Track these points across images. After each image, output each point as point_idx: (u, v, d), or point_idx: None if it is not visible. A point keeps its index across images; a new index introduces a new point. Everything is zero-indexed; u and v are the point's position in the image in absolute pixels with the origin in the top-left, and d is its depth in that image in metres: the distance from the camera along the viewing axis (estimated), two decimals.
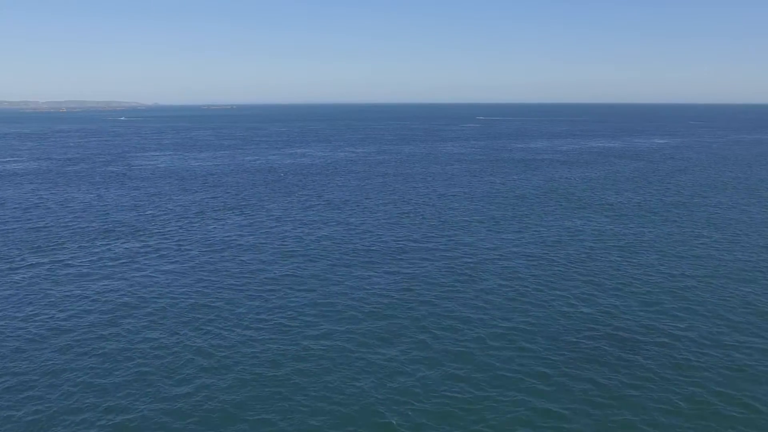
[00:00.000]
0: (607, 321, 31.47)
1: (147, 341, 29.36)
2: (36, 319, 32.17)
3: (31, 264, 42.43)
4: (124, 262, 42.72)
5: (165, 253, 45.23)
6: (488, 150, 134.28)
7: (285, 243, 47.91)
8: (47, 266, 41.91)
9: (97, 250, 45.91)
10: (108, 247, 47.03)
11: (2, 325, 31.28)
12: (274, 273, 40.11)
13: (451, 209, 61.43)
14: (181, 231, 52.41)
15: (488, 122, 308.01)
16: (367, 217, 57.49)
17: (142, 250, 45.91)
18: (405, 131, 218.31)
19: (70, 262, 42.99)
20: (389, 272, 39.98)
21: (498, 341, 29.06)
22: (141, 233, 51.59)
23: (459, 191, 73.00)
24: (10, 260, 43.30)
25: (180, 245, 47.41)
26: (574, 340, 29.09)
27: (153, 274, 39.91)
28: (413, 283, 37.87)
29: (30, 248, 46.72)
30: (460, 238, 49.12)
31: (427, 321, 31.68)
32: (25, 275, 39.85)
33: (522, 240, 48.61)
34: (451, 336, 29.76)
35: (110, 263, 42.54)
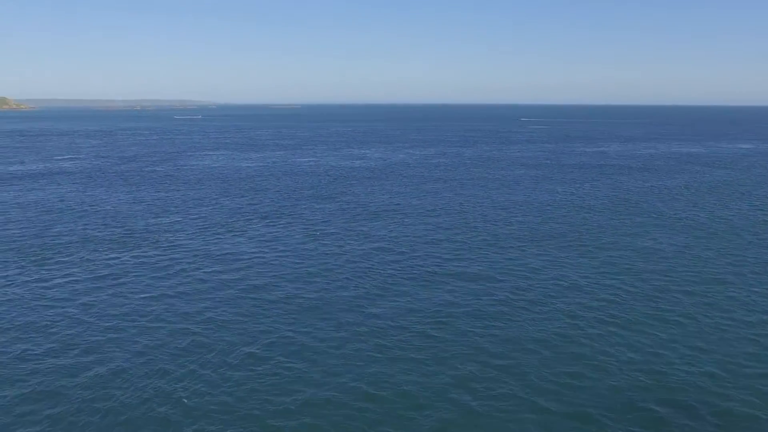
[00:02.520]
0: (709, 386, 24.40)
1: (104, 385, 23.97)
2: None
3: (14, 275, 37.99)
4: (112, 277, 37.78)
5: (169, 269, 40.05)
6: (555, 154, 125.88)
7: (314, 261, 42.12)
8: (27, 280, 37.34)
9: (94, 260, 41.20)
10: (108, 257, 42.30)
11: None
12: (296, 301, 34.32)
13: (508, 222, 54.28)
14: (201, 242, 47.36)
15: (553, 124, 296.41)
16: (412, 230, 51.24)
17: (142, 263, 40.93)
18: (468, 132, 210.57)
19: (55, 273, 38.33)
20: (422, 299, 33.66)
21: (551, 400, 22.44)
22: (153, 243, 46.76)
23: (519, 200, 65.83)
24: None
25: (195, 258, 42.27)
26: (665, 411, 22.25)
27: (136, 295, 34.74)
28: (452, 312, 31.50)
29: (23, 256, 42.42)
30: (513, 259, 42.24)
31: (466, 367, 25.29)
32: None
33: (589, 263, 41.41)
34: (496, 392, 23.31)
35: (96, 277, 37.64)
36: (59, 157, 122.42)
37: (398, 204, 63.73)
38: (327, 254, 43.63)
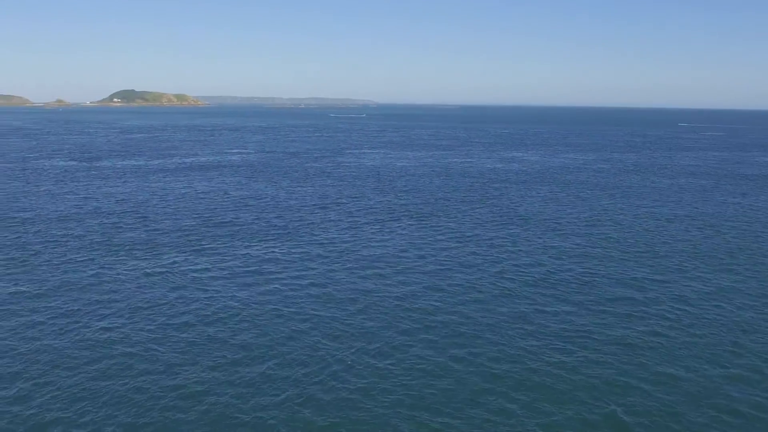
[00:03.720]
0: None
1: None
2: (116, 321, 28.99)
3: (179, 261, 40.18)
4: (266, 268, 38.88)
5: (319, 261, 40.75)
6: (731, 163, 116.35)
7: (460, 265, 41.33)
8: (191, 267, 39.34)
9: (250, 250, 42.77)
10: (263, 247, 43.75)
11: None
12: (428, 316, 33.74)
13: (667, 240, 49.89)
14: (351, 238, 47.96)
15: (732, 130, 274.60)
16: (564, 240, 49.01)
17: (295, 255, 41.90)
18: (630, 138, 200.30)
19: (215, 261, 40.10)
20: (578, 318, 31.87)
21: None
22: (307, 236, 47.91)
23: (682, 214, 61.10)
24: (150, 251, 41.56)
25: (343, 253, 42.77)
26: None
27: (287, 286, 35.48)
28: (592, 343, 29.53)
29: (187, 243, 44.87)
30: (673, 284, 38.83)
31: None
32: (125, 274, 37.51)
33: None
34: None
35: (251, 267, 38.94)
36: (228, 151, 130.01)
37: (552, 211, 61.39)
38: (475, 258, 42.69)
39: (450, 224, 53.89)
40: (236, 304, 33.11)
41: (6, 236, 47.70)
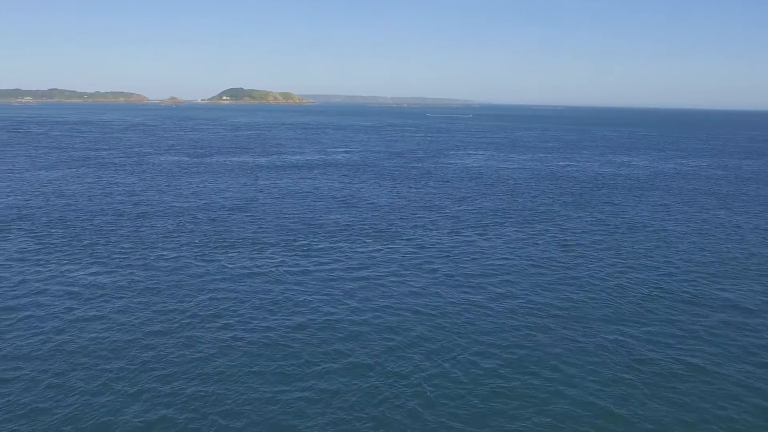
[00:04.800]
0: None
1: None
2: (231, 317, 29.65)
3: (281, 259, 40.97)
4: (364, 267, 39.01)
5: (418, 264, 40.54)
6: None
7: (564, 271, 40.15)
8: (295, 265, 40.01)
9: (349, 250, 43.08)
10: (363, 247, 43.97)
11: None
12: (539, 311, 32.87)
13: None
14: (452, 241, 47.54)
15: None
16: (671, 249, 46.76)
17: (394, 256, 41.84)
18: (751, 143, 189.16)
19: (315, 259, 40.62)
20: (680, 329, 30.23)
21: None
22: (407, 238, 47.83)
23: None
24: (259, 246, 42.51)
25: (443, 256, 42.43)
26: None
27: (384, 288, 35.43)
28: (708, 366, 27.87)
29: (290, 241, 45.72)
30: None
31: None
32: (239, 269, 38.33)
33: None
34: None
35: (349, 266, 39.19)
36: (333, 150, 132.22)
37: (661, 219, 58.71)
38: (578, 265, 41.40)
39: (554, 230, 52.54)
40: (336, 306, 33.43)
41: (123, 229, 50.23)
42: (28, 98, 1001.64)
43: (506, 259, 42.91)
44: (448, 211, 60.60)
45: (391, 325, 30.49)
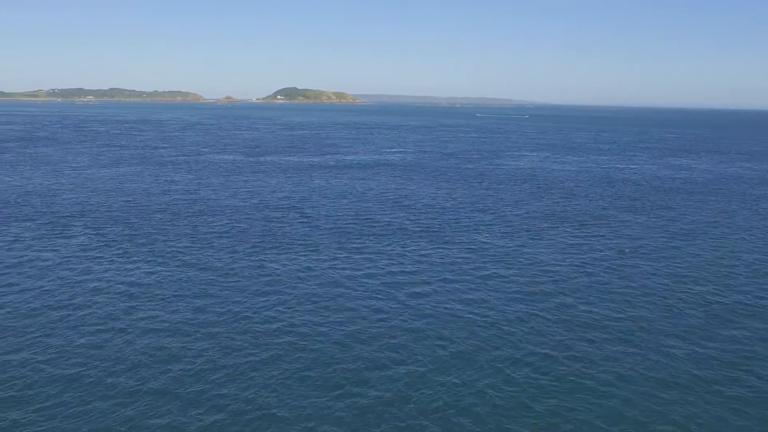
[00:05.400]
0: None
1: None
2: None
3: (330, 258, 41.10)
4: (416, 270, 38.83)
5: (470, 268, 40.17)
6: None
7: (611, 282, 39.23)
8: (344, 264, 40.08)
9: (400, 250, 42.94)
10: (414, 248, 43.78)
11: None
12: (600, 321, 32.18)
13: None
14: (505, 244, 47.01)
15: None
16: (734, 260, 45.24)
17: (447, 259, 41.54)
18: None
19: (363, 258, 40.61)
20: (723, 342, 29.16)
21: None
22: (459, 241, 47.48)
23: None
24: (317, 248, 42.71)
25: (495, 260, 41.95)
26: None
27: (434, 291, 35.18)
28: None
29: (341, 241, 45.85)
30: None
31: None
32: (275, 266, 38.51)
33: None
34: None
35: (399, 268, 39.05)
36: (386, 150, 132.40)
37: (724, 226, 56.86)
38: (635, 274, 40.41)
39: (610, 235, 51.48)
40: (389, 311, 33.38)
41: (180, 228, 51.23)
42: (90, 97, 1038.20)
43: (560, 265, 42.20)
44: (501, 213, 59.99)
45: (445, 331, 30.29)
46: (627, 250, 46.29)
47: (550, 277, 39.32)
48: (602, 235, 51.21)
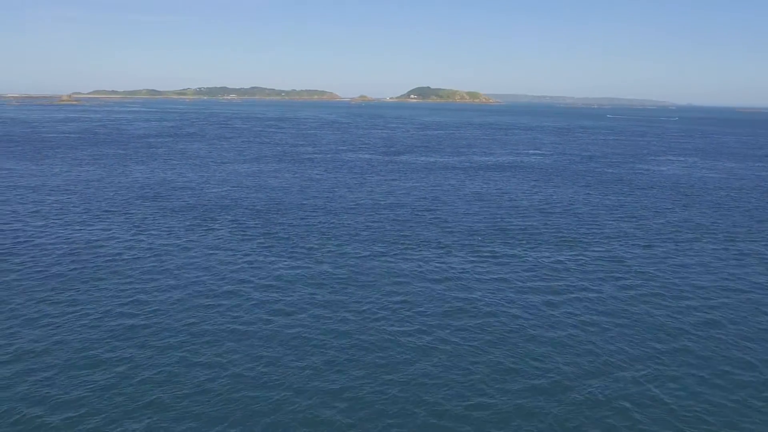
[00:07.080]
0: None
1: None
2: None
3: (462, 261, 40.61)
4: (549, 275, 37.56)
5: (605, 276, 38.45)
6: None
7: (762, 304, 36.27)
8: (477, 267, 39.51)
9: (523, 257, 41.75)
10: (549, 254, 42.44)
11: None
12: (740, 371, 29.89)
13: None
14: (643, 255, 44.70)
15: None
16: None
17: (578, 265, 39.96)
18: None
19: (488, 262, 39.79)
20: None
21: None
22: (593, 248, 45.61)
23: None
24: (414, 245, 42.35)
25: (623, 270, 39.94)
26: None
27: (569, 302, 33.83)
28: None
29: (475, 244, 45.25)
30: None
31: None
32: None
33: None
34: None
35: (533, 274, 37.90)
36: (522, 151, 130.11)
37: None
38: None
39: (764, 251, 47.78)
40: (527, 318, 32.64)
41: (317, 225, 52.68)
42: (233, 95, 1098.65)
43: (709, 280, 39.58)
44: (643, 221, 57.19)
45: (587, 344, 29.22)
46: None
47: (697, 293, 36.94)
48: (756, 251, 47.57)
